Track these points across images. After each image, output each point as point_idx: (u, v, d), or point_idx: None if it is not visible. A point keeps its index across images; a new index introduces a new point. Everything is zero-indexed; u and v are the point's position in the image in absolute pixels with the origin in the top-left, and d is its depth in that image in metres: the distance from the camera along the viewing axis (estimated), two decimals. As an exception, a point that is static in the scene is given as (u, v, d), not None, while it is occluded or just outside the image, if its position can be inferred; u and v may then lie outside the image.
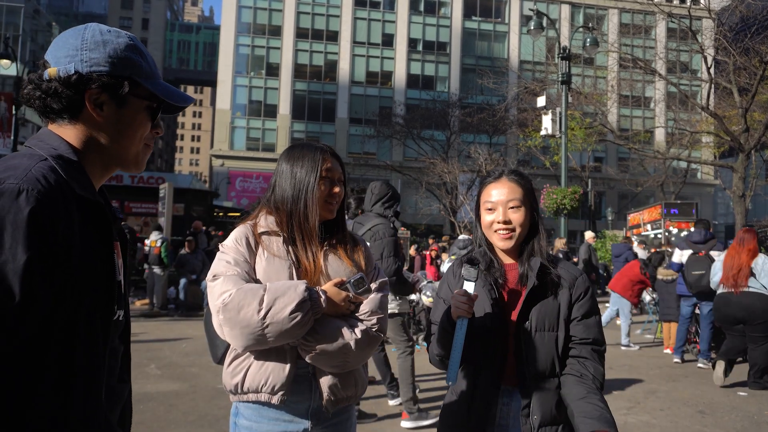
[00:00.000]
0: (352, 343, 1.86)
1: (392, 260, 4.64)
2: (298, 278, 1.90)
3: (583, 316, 2.02)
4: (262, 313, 1.77)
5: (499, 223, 2.04)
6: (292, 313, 1.76)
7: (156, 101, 1.36)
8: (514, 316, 2.01)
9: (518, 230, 2.04)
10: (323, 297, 1.84)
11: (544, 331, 1.98)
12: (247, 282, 1.86)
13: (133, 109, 1.32)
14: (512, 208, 2.04)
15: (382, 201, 4.91)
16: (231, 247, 1.94)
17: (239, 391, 1.89)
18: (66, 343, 1.11)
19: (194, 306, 12.01)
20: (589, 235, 13.69)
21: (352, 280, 1.90)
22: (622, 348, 9.07)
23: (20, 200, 1.07)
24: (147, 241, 12.53)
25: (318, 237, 1.99)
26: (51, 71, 1.26)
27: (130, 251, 11.23)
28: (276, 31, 44.60)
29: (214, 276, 1.89)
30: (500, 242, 2.06)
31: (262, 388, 1.85)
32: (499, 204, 2.06)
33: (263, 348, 1.84)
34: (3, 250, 1.04)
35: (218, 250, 2.00)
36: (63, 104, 1.26)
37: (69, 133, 1.28)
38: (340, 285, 1.90)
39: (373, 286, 1.99)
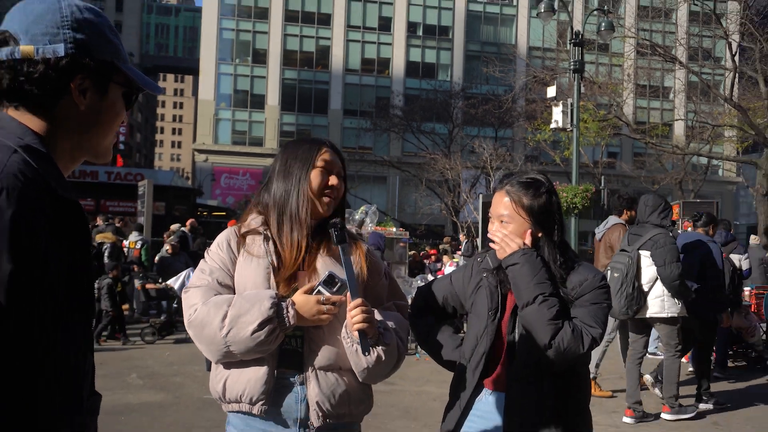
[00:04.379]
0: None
1: (675, 265, 5.45)
2: (276, 279, 1.94)
3: (580, 303, 2.12)
4: (224, 332, 1.83)
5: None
6: (254, 333, 1.81)
7: (131, 88, 1.34)
8: (506, 320, 2.21)
9: None
10: (292, 312, 1.86)
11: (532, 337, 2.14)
12: (218, 291, 1.93)
13: (113, 96, 1.30)
14: (503, 222, 2.20)
15: (657, 211, 5.62)
16: (212, 252, 2.02)
17: (223, 399, 1.97)
18: (48, 355, 1.10)
19: (179, 312, 12.11)
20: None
21: (322, 281, 1.88)
22: (648, 356, 9.19)
23: (0, 201, 1.03)
24: (126, 243, 12.65)
25: (308, 234, 2.00)
26: (26, 49, 1.18)
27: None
28: (263, 14, 44.53)
29: (187, 288, 2.00)
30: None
31: (241, 397, 1.90)
32: (494, 216, 2.23)
33: (237, 360, 1.90)
34: None
35: (202, 251, 2.12)
36: (43, 90, 1.19)
37: (35, 121, 1.21)
38: (311, 291, 1.90)
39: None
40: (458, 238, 22.82)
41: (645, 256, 5.60)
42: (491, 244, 2.20)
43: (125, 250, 12.56)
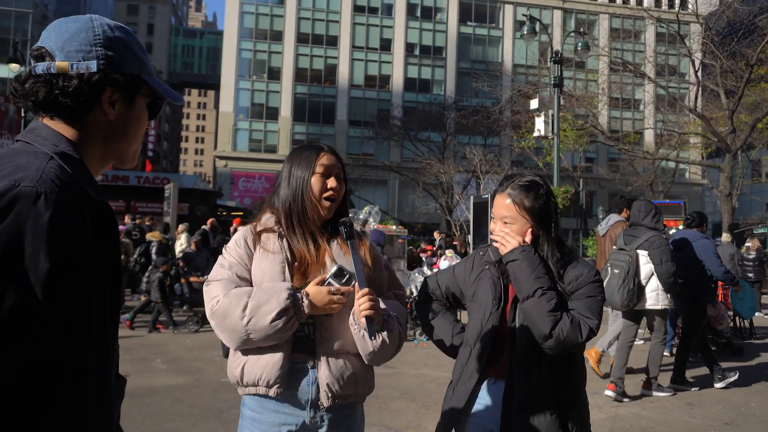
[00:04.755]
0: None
1: (671, 264, 5.50)
2: (291, 273, 1.90)
3: (577, 296, 2.02)
4: (245, 320, 1.79)
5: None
6: (273, 321, 1.78)
7: (155, 98, 1.32)
8: (508, 309, 2.09)
9: None
10: (306, 302, 1.83)
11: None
12: (237, 284, 1.88)
13: (139, 107, 1.28)
14: (505, 223, 2.09)
15: (650, 216, 5.64)
16: (230, 248, 1.98)
17: (240, 383, 1.91)
18: (82, 346, 1.09)
19: (198, 302, 11.98)
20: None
21: (332, 274, 1.86)
22: None
23: (39, 205, 1.02)
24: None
25: (314, 232, 1.98)
26: (61, 65, 1.16)
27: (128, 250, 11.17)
28: (277, 36, 44.56)
29: (207, 281, 1.93)
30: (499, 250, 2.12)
31: (258, 381, 1.86)
32: (497, 217, 2.12)
33: (255, 347, 1.86)
34: (24, 258, 1.00)
35: (221, 248, 2.02)
36: (77, 102, 1.17)
37: (69, 129, 1.19)
38: (322, 282, 1.88)
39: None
40: (452, 234, 22.68)
41: (642, 255, 5.64)
42: (494, 244, 2.11)
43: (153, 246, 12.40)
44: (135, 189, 18.75)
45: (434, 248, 15.54)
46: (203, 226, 13.86)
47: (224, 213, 26.87)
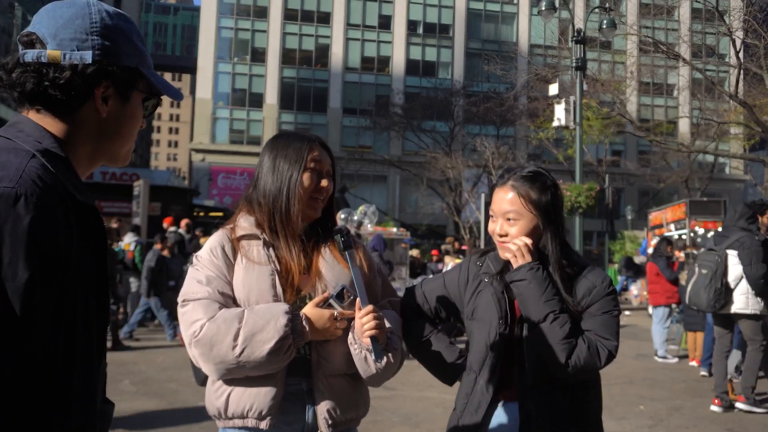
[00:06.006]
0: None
1: (760, 266, 5.84)
2: (282, 285, 1.86)
3: (591, 313, 2.01)
4: (238, 350, 1.74)
5: (497, 234, 2.08)
6: (270, 352, 1.74)
7: (152, 94, 1.34)
8: (515, 329, 2.06)
9: None
10: (308, 328, 1.79)
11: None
12: (221, 303, 1.82)
13: (134, 103, 1.29)
14: (509, 220, 2.05)
15: (745, 218, 6.13)
16: (205, 259, 1.90)
17: (223, 416, 1.85)
18: (65, 360, 1.10)
19: (172, 315, 11.95)
20: None
21: (335, 295, 1.85)
22: (659, 360, 9.11)
23: (18, 208, 1.03)
24: (120, 244, 12.48)
25: (301, 236, 1.95)
26: (53, 54, 1.17)
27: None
28: (262, 13, 44.52)
29: (183, 301, 1.85)
30: (500, 252, 2.10)
31: (247, 413, 1.81)
32: (498, 214, 2.08)
33: (242, 376, 1.82)
34: (2, 266, 1.01)
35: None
36: (68, 95, 1.19)
37: (56, 125, 1.21)
38: (323, 303, 1.85)
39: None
40: (461, 238, 22.71)
41: (732, 256, 6.01)
42: (505, 255, 2.05)
43: (121, 252, 12.38)
44: (100, 186, 18.74)
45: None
46: (178, 230, 13.85)
47: (201, 213, 26.87)
